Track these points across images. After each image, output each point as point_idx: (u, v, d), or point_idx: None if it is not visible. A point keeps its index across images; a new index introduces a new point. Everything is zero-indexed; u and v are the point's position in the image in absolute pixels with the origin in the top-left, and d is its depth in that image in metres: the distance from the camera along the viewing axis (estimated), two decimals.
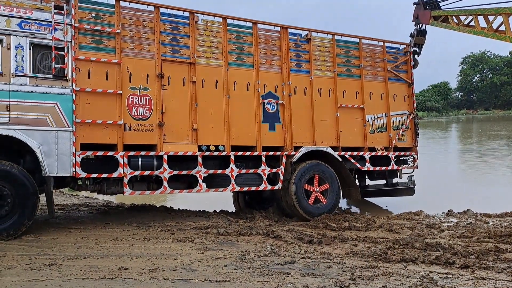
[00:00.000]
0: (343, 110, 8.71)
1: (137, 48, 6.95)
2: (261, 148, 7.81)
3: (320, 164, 8.27)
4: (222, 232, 6.21)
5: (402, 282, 3.95)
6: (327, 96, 8.59)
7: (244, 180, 7.61)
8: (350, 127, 8.77)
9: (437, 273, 4.27)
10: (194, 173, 7.19)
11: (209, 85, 7.48)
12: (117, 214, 7.91)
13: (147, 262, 4.67)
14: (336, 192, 8.32)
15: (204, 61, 7.48)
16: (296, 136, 8.19)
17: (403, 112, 9.48)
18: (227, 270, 4.36)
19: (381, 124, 9.16)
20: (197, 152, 7.22)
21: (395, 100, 9.38)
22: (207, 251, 5.18)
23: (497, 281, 4.03)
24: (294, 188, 7.89)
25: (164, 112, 7.05)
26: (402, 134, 9.38)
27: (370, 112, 9.03)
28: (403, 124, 9.41)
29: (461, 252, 4.99)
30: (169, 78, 7.14)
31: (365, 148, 8.87)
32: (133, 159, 6.79)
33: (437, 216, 7.96)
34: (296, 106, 8.24)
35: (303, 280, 4.03)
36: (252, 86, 7.84)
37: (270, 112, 8.01)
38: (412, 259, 4.73)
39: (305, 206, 7.95)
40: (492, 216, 7.68)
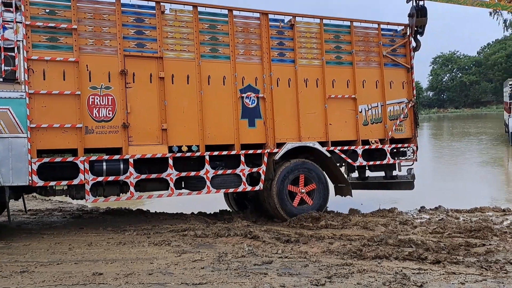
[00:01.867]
0: (333, 101, 8.01)
1: (97, 44, 6.43)
2: (239, 147, 7.24)
3: (306, 163, 7.65)
4: (200, 234, 6.05)
5: (376, 279, 4.02)
6: (314, 87, 7.91)
7: (221, 182, 7.09)
8: (341, 120, 8.08)
9: (410, 269, 4.36)
10: (164, 176, 6.71)
11: (179, 80, 6.92)
12: (91, 219, 7.63)
13: (122, 267, 4.60)
14: (324, 192, 7.71)
15: (174, 54, 6.90)
16: (279, 132, 7.58)
17: (401, 100, 8.70)
18: (204, 273, 4.34)
19: (375, 115, 8.42)
20: (167, 154, 6.72)
21: (392, 87, 8.60)
22: (184, 253, 5.10)
23: (467, 275, 4.14)
24: (277, 190, 7.32)
25: (129, 112, 6.55)
26: (400, 125, 8.63)
27: (363, 102, 8.30)
28: (401, 114, 8.64)
29: (433, 248, 5.10)
30: (133, 75, 6.61)
31: (357, 141, 8.18)
32: (97, 164, 6.36)
33: (410, 213, 7.91)
34: (279, 99, 7.60)
35: (280, 279, 4.07)
36: (228, 80, 7.23)
37: (249, 107, 7.40)
38: (386, 256, 4.81)
39: (289, 209, 7.39)
40: (463, 211, 7.76)
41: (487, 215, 7.41)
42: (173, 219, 7.35)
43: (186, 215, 7.59)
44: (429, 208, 8.19)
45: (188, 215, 7.59)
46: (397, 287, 3.84)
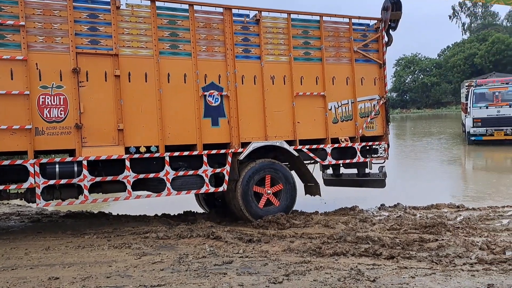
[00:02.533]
0: (301, 98, 7.78)
1: (48, 41, 6.14)
2: (201, 147, 7.01)
3: (273, 163, 7.43)
4: (162, 236, 5.95)
5: (332, 275, 4.12)
6: (282, 84, 7.67)
7: (183, 183, 6.86)
8: (309, 118, 7.86)
9: (365, 264, 4.48)
10: (121, 178, 6.46)
11: (137, 78, 6.65)
12: (51, 223, 7.41)
13: (80, 271, 4.51)
14: (291, 193, 7.49)
15: (130, 51, 6.63)
16: (244, 131, 7.34)
17: (372, 97, 8.48)
18: (164, 274, 4.30)
19: (346, 112, 8.20)
20: (124, 155, 6.47)
21: (363, 84, 8.38)
22: (144, 256, 5.02)
23: (418, 269, 4.28)
24: (241, 191, 7.10)
25: (83, 112, 6.28)
26: (371, 122, 8.42)
27: (333, 99, 8.07)
28: (372, 111, 8.43)
29: (388, 244, 5.21)
30: (87, 73, 6.33)
31: (326, 139, 7.97)
32: (49, 167, 6.10)
33: (370, 211, 7.99)
34: (244, 97, 7.36)
35: (239, 279, 4.11)
36: (190, 78, 6.97)
37: (212, 106, 7.15)
38: (343, 253, 4.94)
39: (254, 210, 7.17)
40: (420, 208, 7.90)
41: (442, 212, 7.56)
42: (136, 221, 7.20)
43: (149, 217, 7.43)
44: (388, 205, 8.27)
45: (151, 217, 7.43)
46: (351, 282, 3.94)
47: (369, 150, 8.64)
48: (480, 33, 55.46)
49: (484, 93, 19.94)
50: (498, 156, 17.32)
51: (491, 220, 6.83)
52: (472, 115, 19.66)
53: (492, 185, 11.18)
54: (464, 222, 6.57)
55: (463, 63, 52.75)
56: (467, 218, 6.92)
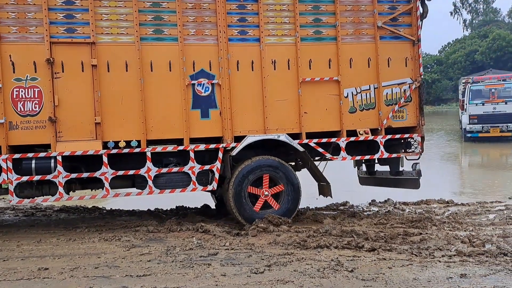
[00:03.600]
0: (309, 85, 6.75)
1: (22, 32, 5.89)
2: (188, 141, 6.36)
3: (272, 160, 6.52)
4: (152, 230, 6.04)
5: (312, 266, 4.29)
6: (285, 69, 6.70)
7: (166, 181, 6.29)
8: (319, 107, 6.79)
9: (346, 256, 4.61)
10: (98, 175, 6.07)
11: (116, 68, 6.18)
12: (44, 217, 7.44)
13: (69, 262, 4.69)
14: (293, 195, 6.53)
15: (110, 38, 6.16)
16: (239, 124, 6.54)
17: (402, 80, 7.12)
18: (150, 265, 4.48)
19: (366, 100, 6.98)
20: (101, 151, 6.06)
21: (390, 65, 7.06)
22: (133, 248, 5.18)
23: (396, 260, 4.43)
24: (233, 193, 6.33)
25: (57, 105, 5.97)
26: (399, 111, 7.09)
27: (350, 85, 6.90)
28: (401, 97, 7.08)
29: (372, 237, 5.30)
30: (62, 64, 5.99)
31: (341, 132, 6.85)
32: (25, 162, 5.90)
33: (361, 206, 7.85)
34: (240, 85, 6.54)
35: (222, 269, 4.29)
36: (176, 65, 6.33)
37: (202, 96, 6.45)
38: (327, 245, 5.03)
39: (248, 214, 6.36)
40: (410, 204, 7.81)
41: (431, 207, 7.52)
42: (128, 215, 7.26)
43: (141, 212, 7.42)
44: (379, 201, 8.10)
45: (143, 212, 7.41)
46: (330, 272, 4.09)
47: (400, 144, 7.33)
48: (481, 29, 55.19)
49: (480, 90, 19.81)
50: (494, 153, 17.31)
51: (478, 215, 6.83)
52: (468, 112, 19.59)
53: (485, 181, 10.98)
54: (451, 217, 6.60)
55: (464, 60, 51.63)
56: (454, 213, 6.91)
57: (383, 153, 6.93)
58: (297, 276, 4.02)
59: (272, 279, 3.97)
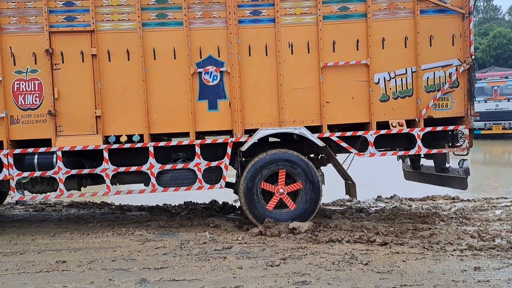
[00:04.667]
0: (332, 70, 5.88)
1: (21, 22, 5.67)
2: (194, 135, 5.81)
3: (289, 154, 5.78)
4: (163, 225, 6.10)
5: (326, 259, 4.34)
6: (304, 53, 5.89)
7: (171, 179, 5.82)
8: (344, 96, 5.91)
9: (359, 250, 4.64)
10: (99, 171, 5.75)
11: (118, 57, 5.76)
12: (55, 212, 7.43)
13: (85, 255, 4.77)
14: (312, 194, 5.75)
15: (110, 25, 5.75)
16: (251, 116, 5.87)
17: (447, 62, 5.98)
18: (166, 258, 4.55)
19: (402, 86, 5.95)
20: (102, 145, 5.71)
21: (432, 44, 5.95)
22: (147, 242, 5.25)
23: (409, 254, 4.46)
24: (244, 188, 5.71)
25: (57, 98, 5.70)
26: (443, 98, 5.98)
27: (382, 69, 5.92)
28: (445, 82, 5.96)
29: (382, 232, 5.29)
30: (62, 54, 5.70)
31: (370, 124, 5.92)
32: (28, 157, 5.73)
33: (368, 202, 7.70)
34: (251, 72, 5.85)
35: (238, 262, 4.38)
36: (181, 52, 5.79)
37: (210, 85, 5.85)
38: (338, 240, 5.05)
39: (260, 212, 5.72)
40: (416, 200, 7.76)
41: (437, 203, 7.45)
42: (138, 210, 7.33)
43: (151, 207, 7.43)
44: (385, 197, 7.94)
45: (153, 207, 7.41)
46: (345, 265, 4.14)
47: (445, 137, 6.25)
48: (482, 27, 51.62)
49: (483, 87, 19.47)
50: (496, 149, 17.31)
51: (484, 210, 6.77)
52: None
53: (488, 178, 10.78)
54: (458, 213, 6.57)
55: None
56: (461, 208, 6.84)
57: (420, 148, 5.90)
58: (313, 269, 4.07)
59: (288, 271, 4.01)
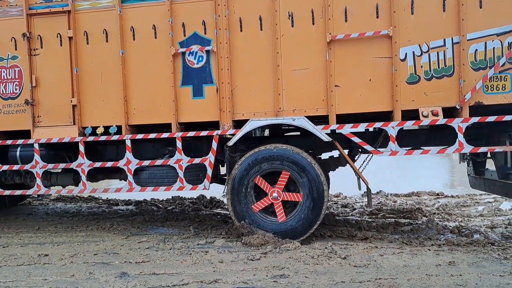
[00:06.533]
0: (343, 45, 4.63)
1: (2, 6, 5.34)
2: (175, 127, 4.98)
3: (301, 157, 4.61)
4: (149, 219, 6.08)
5: (306, 253, 4.30)
6: (308, 25, 4.71)
7: (149, 177, 5.07)
8: (359, 77, 4.62)
9: (339, 244, 4.62)
10: (74, 167, 5.20)
11: (96, 38, 5.16)
12: (41, 206, 7.43)
13: (68, 249, 4.77)
14: (310, 214, 4.59)
15: (88, 4, 5.16)
16: (241, 103, 4.88)
17: (505, 28, 4.36)
18: (148, 252, 4.55)
19: (439, 62, 4.48)
20: (77, 138, 5.16)
21: (483, 5, 4.38)
22: (131, 236, 5.25)
23: (387, 248, 4.45)
24: (235, 176, 4.71)
25: (36, 86, 5.27)
26: (497, 78, 4.37)
27: (411, 42, 4.51)
28: (502, 56, 4.35)
29: (364, 227, 5.32)
30: (40, 39, 5.25)
31: (393, 113, 4.55)
32: (12, 150, 5.42)
33: (354, 197, 7.66)
34: (243, 51, 4.85)
35: (219, 256, 4.36)
36: (162, 29, 4.99)
37: (194, 68, 4.97)
38: (321, 234, 5.02)
39: (242, 209, 4.74)
40: (401, 196, 7.71)
41: (422, 199, 7.43)
42: (124, 205, 7.34)
43: (138, 201, 7.39)
44: (372, 192, 6.80)
45: (140, 201, 7.37)
46: (324, 259, 4.16)
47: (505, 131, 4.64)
48: None
49: None
50: None
51: (467, 206, 6.78)
52: None
53: None
54: (440, 208, 6.56)
55: None
56: (444, 204, 6.81)
57: (462, 145, 4.38)
58: (292, 262, 4.07)
59: (268, 265, 4.01)
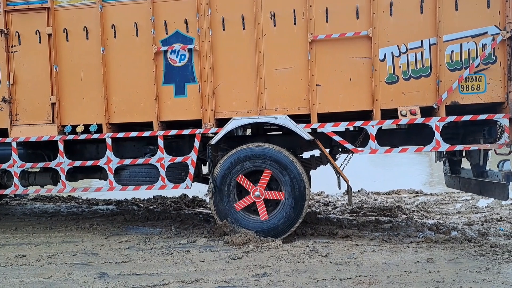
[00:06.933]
0: (324, 45, 4.70)
1: None
2: (157, 125, 4.97)
3: (283, 155, 4.68)
4: (129, 219, 6.02)
5: (288, 252, 4.32)
6: (290, 24, 4.77)
7: (130, 175, 5.03)
8: (340, 77, 4.70)
9: (320, 242, 4.66)
10: (53, 166, 5.12)
11: (76, 36, 5.10)
12: (19, 206, 7.39)
13: (46, 249, 4.69)
14: (292, 213, 4.66)
15: (68, 1, 5.10)
16: (224, 102, 4.90)
17: (480, 30, 4.51)
18: (129, 252, 4.50)
19: (416, 63, 4.60)
20: (57, 136, 5.08)
21: (458, 7, 4.52)
22: (111, 236, 5.19)
23: (368, 246, 4.50)
24: (218, 175, 4.75)
25: (13, 84, 5.17)
26: (473, 78, 4.52)
27: (390, 42, 4.61)
28: (477, 57, 4.49)
29: (345, 225, 5.37)
30: (18, 35, 5.16)
31: (373, 112, 4.65)
32: None
33: (336, 196, 7.68)
34: (226, 50, 4.87)
35: (201, 255, 4.33)
36: (144, 27, 4.97)
37: (176, 66, 4.97)
38: (302, 233, 5.04)
39: (224, 208, 4.78)
40: (381, 194, 7.80)
41: (402, 197, 7.50)
42: (105, 204, 7.25)
43: (118, 201, 7.32)
44: (353, 191, 7.05)
45: (121, 201, 7.30)
46: (305, 257, 4.17)
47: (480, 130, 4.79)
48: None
49: None
50: None
51: (445, 204, 6.85)
52: None
53: None
54: (420, 206, 6.64)
55: None
56: (423, 202, 6.89)
57: (439, 143, 4.51)
58: (273, 261, 4.08)
59: (250, 264, 4.00)
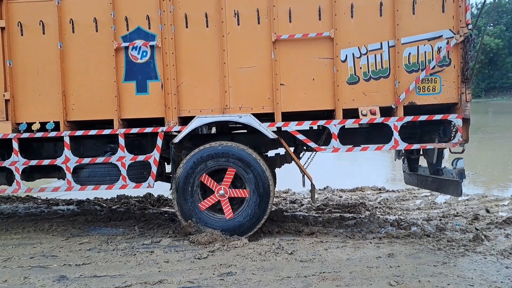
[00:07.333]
0: (287, 45, 4.75)
1: None
2: (118, 123, 4.85)
3: (246, 153, 4.69)
4: (91, 219, 5.84)
5: (254, 250, 4.34)
6: (254, 23, 4.79)
7: (90, 175, 4.89)
8: (303, 76, 4.77)
9: (286, 240, 4.71)
10: (7, 165, 4.90)
11: (31, 30, 4.90)
12: None
13: (1, 252, 4.54)
14: (257, 209, 4.69)
15: None
16: (187, 100, 4.86)
17: (435, 34, 4.70)
18: (90, 254, 4.40)
19: (376, 64, 4.73)
20: (11, 134, 4.86)
21: (416, 11, 4.69)
22: (71, 237, 5.05)
23: (332, 243, 4.58)
24: (180, 175, 4.70)
25: None
26: (429, 80, 4.70)
27: (350, 44, 4.72)
28: (432, 59, 4.68)
29: (311, 222, 5.43)
30: None
31: (335, 112, 4.74)
32: None
33: (302, 193, 7.67)
34: (189, 47, 4.83)
35: (165, 256, 4.27)
36: (104, 23, 4.84)
37: (138, 63, 4.87)
38: (269, 231, 5.08)
39: (188, 208, 4.75)
40: (346, 191, 7.90)
41: (365, 193, 7.63)
42: (65, 204, 6.98)
43: (80, 201, 7.06)
44: (318, 188, 7.79)
45: (82, 201, 7.05)
46: (271, 255, 4.21)
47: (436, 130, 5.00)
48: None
49: None
50: None
51: (406, 200, 7.02)
52: None
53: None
54: (382, 203, 6.78)
55: None
56: (385, 199, 7.07)
57: (397, 142, 4.67)
58: (239, 260, 4.09)
59: (215, 263, 3.99)
